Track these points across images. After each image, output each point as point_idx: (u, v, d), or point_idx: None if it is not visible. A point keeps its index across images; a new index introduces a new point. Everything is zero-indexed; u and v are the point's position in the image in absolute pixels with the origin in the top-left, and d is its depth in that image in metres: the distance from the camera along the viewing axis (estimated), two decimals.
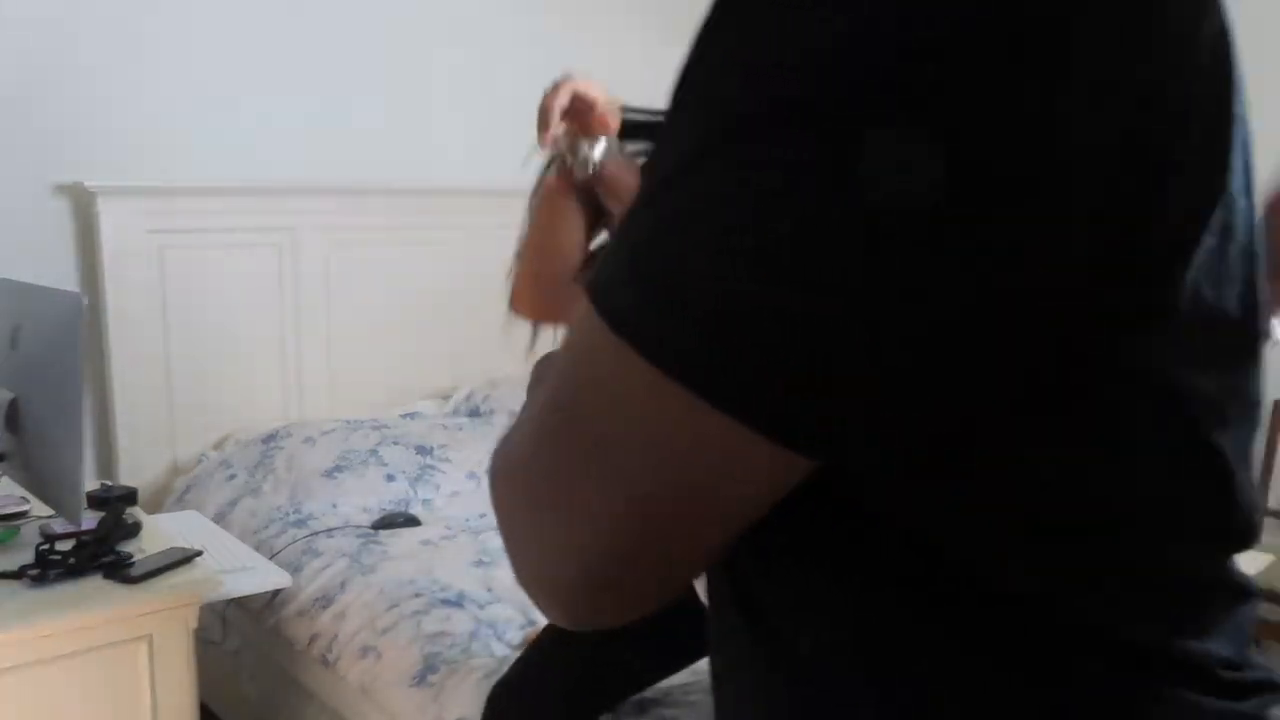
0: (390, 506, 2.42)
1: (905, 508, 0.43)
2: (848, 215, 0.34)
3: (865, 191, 0.34)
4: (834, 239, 0.35)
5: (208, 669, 1.95)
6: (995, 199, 0.35)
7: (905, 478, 0.42)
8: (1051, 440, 0.41)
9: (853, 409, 0.37)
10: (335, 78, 2.92)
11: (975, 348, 0.37)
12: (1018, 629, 0.44)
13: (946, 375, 0.37)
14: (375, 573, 2.02)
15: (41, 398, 1.61)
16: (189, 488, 2.56)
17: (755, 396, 0.36)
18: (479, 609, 1.86)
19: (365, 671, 1.81)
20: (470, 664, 1.68)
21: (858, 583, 0.45)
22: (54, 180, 2.49)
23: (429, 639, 1.77)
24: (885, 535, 0.44)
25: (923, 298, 0.35)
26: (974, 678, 0.45)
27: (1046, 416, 0.41)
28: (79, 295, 1.55)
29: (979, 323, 0.36)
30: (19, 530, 1.68)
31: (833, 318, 0.35)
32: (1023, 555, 0.44)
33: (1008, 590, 0.44)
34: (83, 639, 1.45)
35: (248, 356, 2.79)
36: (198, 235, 2.66)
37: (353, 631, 1.89)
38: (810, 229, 0.35)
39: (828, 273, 0.35)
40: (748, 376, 0.36)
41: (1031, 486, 0.42)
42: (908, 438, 0.40)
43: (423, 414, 2.93)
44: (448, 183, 3.06)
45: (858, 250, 0.35)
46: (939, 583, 0.44)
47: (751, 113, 0.36)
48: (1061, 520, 0.43)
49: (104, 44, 2.54)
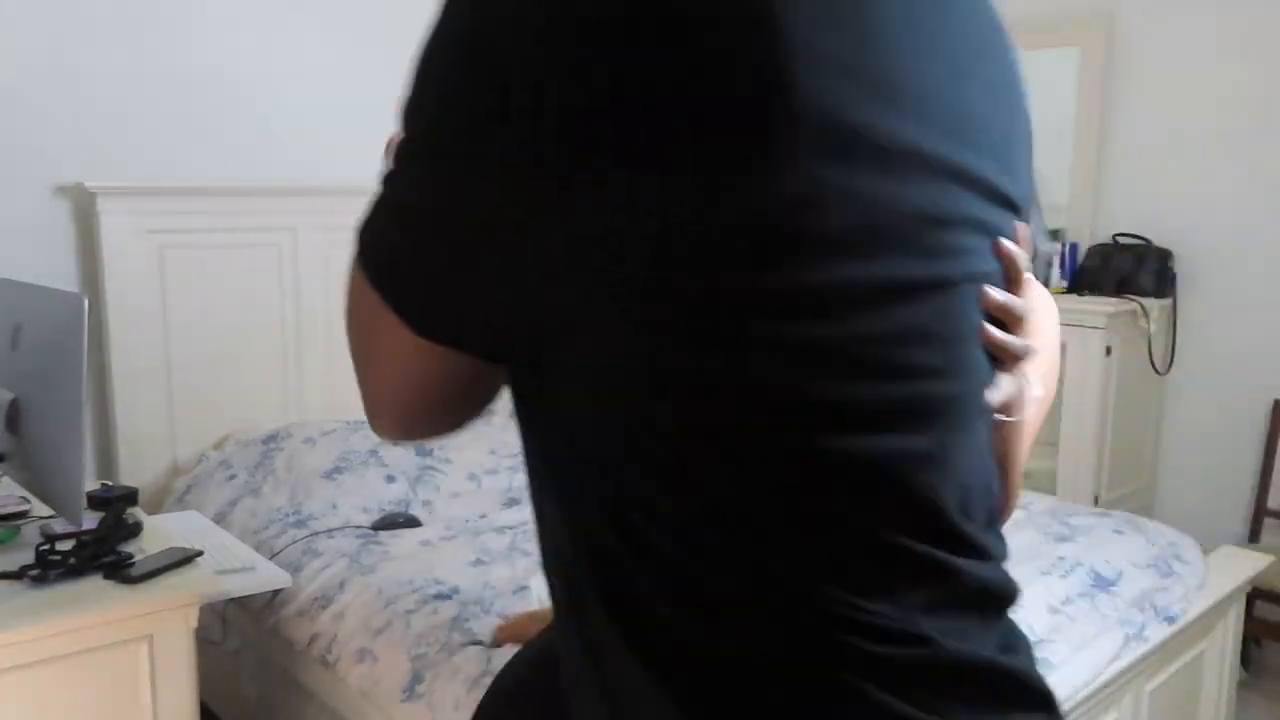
0: (390, 507, 2.42)
1: (585, 437, 0.54)
2: (454, 200, 0.50)
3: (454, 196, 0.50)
4: (443, 212, 0.51)
5: (208, 669, 1.95)
6: (582, 159, 0.46)
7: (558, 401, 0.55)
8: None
9: (465, 316, 0.54)
10: (335, 77, 2.92)
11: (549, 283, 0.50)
12: (692, 572, 0.53)
13: (520, 298, 0.51)
14: (375, 573, 2.02)
15: (42, 398, 1.61)
16: (189, 488, 2.56)
17: (408, 308, 0.55)
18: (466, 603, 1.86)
19: (363, 676, 1.81)
20: (453, 662, 1.68)
21: (571, 504, 0.57)
22: (54, 181, 2.49)
23: (417, 639, 1.77)
24: (583, 461, 0.55)
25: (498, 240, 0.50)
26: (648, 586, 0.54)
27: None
28: (80, 296, 1.55)
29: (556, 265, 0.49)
30: (19, 530, 1.68)
31: (443, 258, 0.52)
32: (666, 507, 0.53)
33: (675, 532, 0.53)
34: (83, 639, 1.45)
35: (248, 356, 2.79)
36: (198, 235, 2.66)
37: (351, 631, 1.89)
38: (433, 204, 0.52)
39: (441, 229, 0.51)
40: (404, 297, 0.55)
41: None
42: (513, 343, 0.55)
43: None
44: None
45: (458, 215, 0.50)
46: (623, 509, 0.53)
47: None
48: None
49: (104, 44, 2.54)
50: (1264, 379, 3.20)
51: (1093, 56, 3.48)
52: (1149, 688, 2.02)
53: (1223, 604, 2.20)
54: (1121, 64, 3.44)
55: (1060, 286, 3.41)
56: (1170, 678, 2.09)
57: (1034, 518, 2.37)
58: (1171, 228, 3.35)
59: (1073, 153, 3.56)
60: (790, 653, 0.52)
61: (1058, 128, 3.59)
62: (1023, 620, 2.00)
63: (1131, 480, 3.36)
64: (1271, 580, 2.66)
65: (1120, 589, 2.01)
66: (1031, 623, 1.82)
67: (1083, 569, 2.03)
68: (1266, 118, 3.16)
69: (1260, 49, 3.15)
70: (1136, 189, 3.44)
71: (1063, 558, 2.07)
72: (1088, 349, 3.13)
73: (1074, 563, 2.04)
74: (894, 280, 0.51)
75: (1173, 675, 2.10)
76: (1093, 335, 3.12)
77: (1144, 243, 3.35)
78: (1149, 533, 2.26)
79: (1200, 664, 2.23)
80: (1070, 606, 1.90)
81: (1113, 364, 3.16)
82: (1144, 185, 3.43)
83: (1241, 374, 3.25)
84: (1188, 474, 3.40)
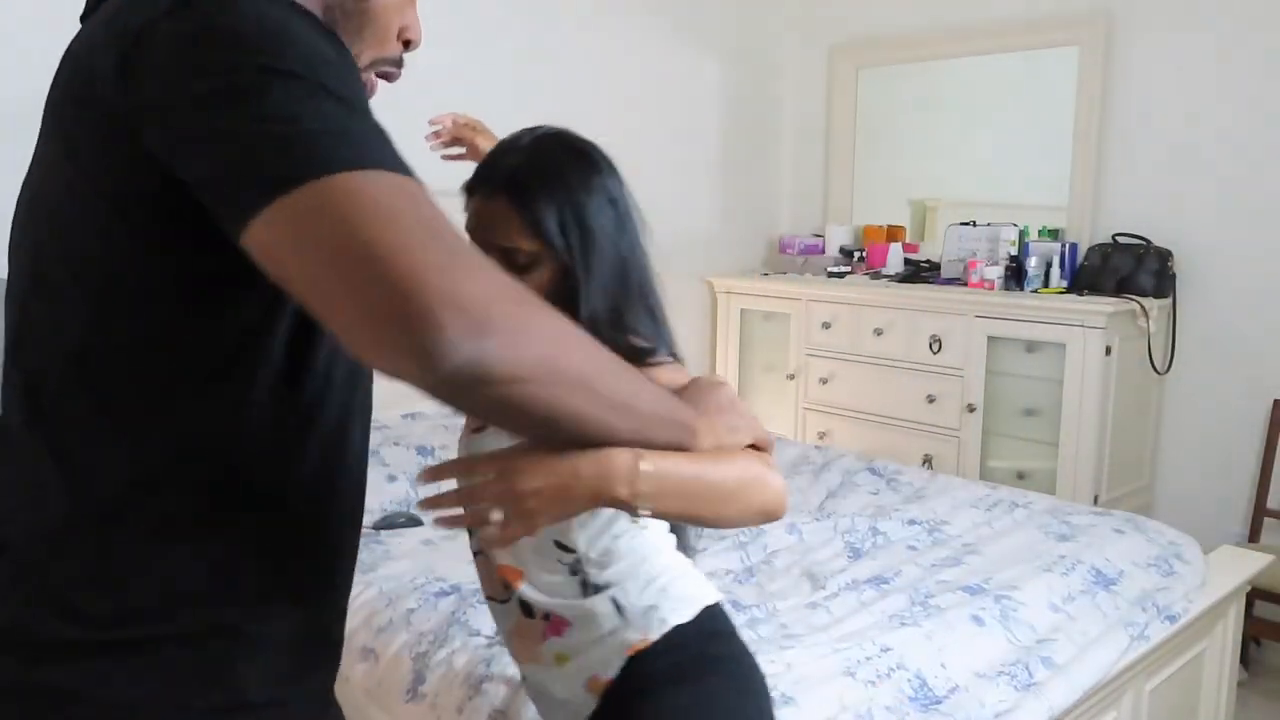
0: (392, 507, 2.43)
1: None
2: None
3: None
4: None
5: None
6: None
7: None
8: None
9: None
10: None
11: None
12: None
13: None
14: (376, 571, 2.02)
15: None
16: None
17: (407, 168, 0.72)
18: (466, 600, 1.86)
19: (366, 675, 1.82)
20: (455, 662, 1.68)
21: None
22: None
23: (418, 637, 1.77)
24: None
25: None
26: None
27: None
28: None
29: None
30: None
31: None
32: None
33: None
34: None
35: None
36: None
37: (352, 631, 1.89)
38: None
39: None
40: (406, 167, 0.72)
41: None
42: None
43: (424, 414, 2.93)
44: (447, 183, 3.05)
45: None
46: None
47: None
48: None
49: None
50: (1264, 379, 3.20)
51: (1092, 56, 3.49)
52: (1149, 687, 2.02)
53: (1223, 604, 2.21)
54: (1121, 64, 3.45)
55: (1060, 286, 3.42)
56: (1170, 677, 2.10)
57: (1034, 516, 2.37)
58: (1171, 228, 3.35)
59: (1073, 153, 3.56)
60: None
61: (1058, 128, 3.59)
62: (1024, 618, 2.01)
63: (1131, 480, 3.36)
64: (1271, 580, 2.66)
65: (1121, 588, 2.01)
66: (1033, 620, 1.83)
67: (1083, 567, 2.03)
68: (1266, 118, 3.16)
69: (1260, 49, 3.16)
70: (1136, 189, 3.45)
71: (1063, 556, 2.07)
72: (1087, 349, 3.14)
73: (1074, 561, 2.05)
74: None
75: (1173, 675, 2.11)
76: (1092, 335, 3.13)
77: (1144, 243, 3.35)
78: (1149, 532, 2.27)
79: (1200, 664, 2.23)
80: (1071, 605, 1.91)
81: (1112, 364, 3.16)
82: (1144, 185, 3.43)
83: (1241, 374, 3.25)
84: (1188, 474, 3.41)
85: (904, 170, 4.19)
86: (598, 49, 3.68)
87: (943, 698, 1.59)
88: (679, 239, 4.08)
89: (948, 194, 4.04)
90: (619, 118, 3.76)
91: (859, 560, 2.12)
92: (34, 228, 0.83)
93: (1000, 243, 3.55)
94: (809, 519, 2.37)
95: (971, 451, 3.43)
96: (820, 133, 4.34)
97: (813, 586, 2.00)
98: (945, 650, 1.68)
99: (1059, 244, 3.48)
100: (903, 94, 4.15)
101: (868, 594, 1.93)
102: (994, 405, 3.40)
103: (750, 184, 4.36)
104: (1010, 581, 1.93)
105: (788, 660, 1.60)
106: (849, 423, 3.77)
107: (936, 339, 3.49)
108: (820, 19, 4.29)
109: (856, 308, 3.72)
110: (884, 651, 1.65)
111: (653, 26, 3.88)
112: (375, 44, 0.92)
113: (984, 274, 3.48)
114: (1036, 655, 1.73)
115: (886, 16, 4.06)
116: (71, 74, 0.80)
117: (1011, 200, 3.75)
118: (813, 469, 2.80)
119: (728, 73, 4.19)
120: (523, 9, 3.40)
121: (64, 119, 0.81)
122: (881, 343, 3.64)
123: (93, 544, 0.78)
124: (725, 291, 4.18)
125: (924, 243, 4.04)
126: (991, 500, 2.50)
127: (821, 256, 4.15)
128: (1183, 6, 3.30)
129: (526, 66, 3.45)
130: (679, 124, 4.01)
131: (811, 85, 4.35)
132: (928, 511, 2.40)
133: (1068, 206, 3.59)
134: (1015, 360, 3.35)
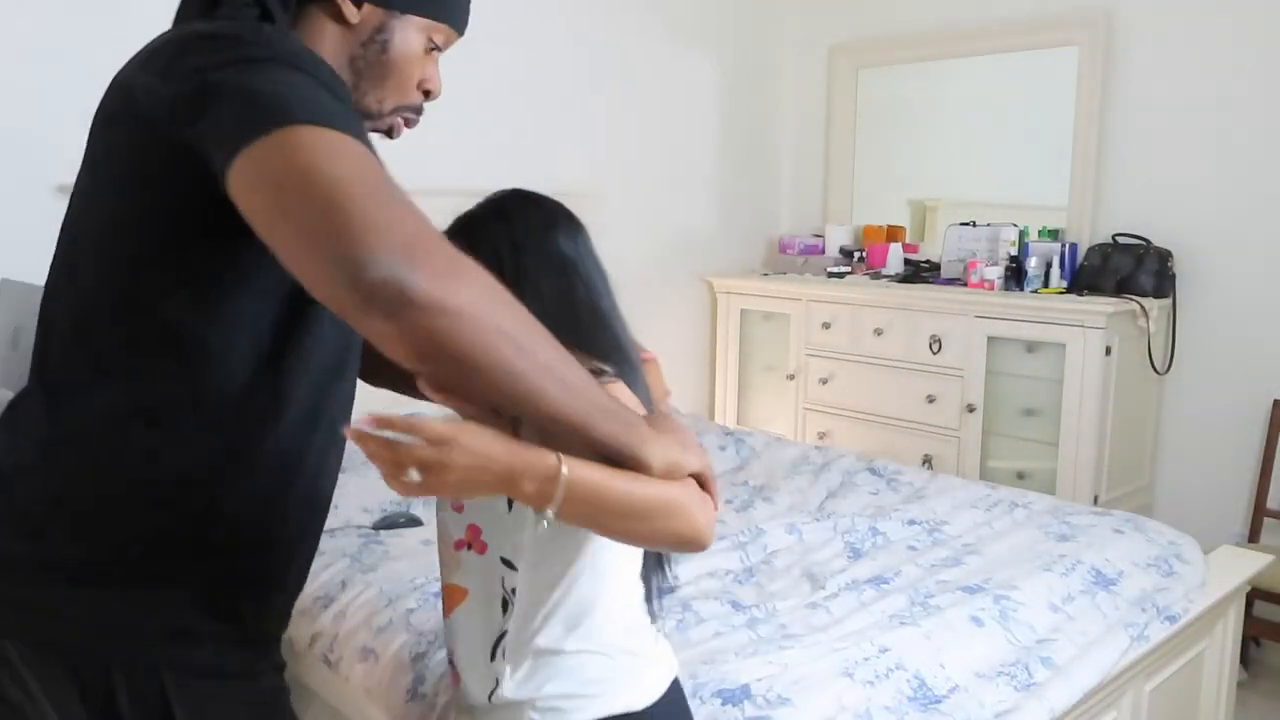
0: (391, 507, 2.42)
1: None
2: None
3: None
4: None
5: None
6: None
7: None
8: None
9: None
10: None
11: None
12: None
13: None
14: (376, 571, 2.02)
15: None
16: None
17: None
18: None
19: (367, 675, 1.82)
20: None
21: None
22: (55, 181, 2.49)
23: (418, 637, 1.77)
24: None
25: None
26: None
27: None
28: None
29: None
30: None
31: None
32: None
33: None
34: None
35: None
36: None
37: (352, 630, 1.89)
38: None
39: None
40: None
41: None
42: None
43: (424, 414, 2.93)
44: (447, 183, 3.06)
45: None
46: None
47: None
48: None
49: (105, 44, 2.54)
50: (1264, 379, 3.20)
51: (1092, 56, 3.49)
52: (1149, 687, 2.02)
53: (1223, 604, 2.21)
54: (1121, 64, 3.45)
55: (1060, 286, 3.42)
56: (1170, 677, 2.10)
57: (1034, 517, 2.37)
58: (1171, 228, 3.35)
59: (1072, 153, 3.56)
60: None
61: (1058, 127, 3.59)
62: (1024, 618, 2.00)
63: (1131, 480, 3.36)
64: (1271, 580, 2.66)
65: (1121, 588, 2.01)
66: (1033, 621, 1.83)
67: (1083, 567, 2.03)
68: (1265, 117, 3.16)
69: (1259, 49, 3.16)
70: (1136, 189, 3.45)
71: (1063, 556, 2.07)
72: (1087, 349, 3.14)
73: (1074, 561, 2.05)
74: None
75: (1173, 675, 2.11)
76: (1092, 335, 3.12)
77: (1143, 243, 3.35)
78: (1149, 532, 2.27)
79: (1200, 664, 2.23)
80: (1071, 605, 1.91)
81: (1112, 364, 3.16)
82: (1143, 185, 3.43)
83: (1241, 374, 3.25)
84: (1187, 474, 3.41)
85: (904, 170, 4.19)
86: (597, 49, 3.68)
87: (942, 698, 1.59)
88: (679, 239, 4.08)
89: (948, 194, 4.04)
90: (619, 118, 3.76)
91: (859, 560, 2.12)
92: (73, 226, 1.02)
93: (1000, 243, 3.55)
94: (809, 519, 2.37)
95: (971, 452, 3.43)
96: (820, 133, 4.34)
97: (812, 586, 2.00)
98: (945, 650, 1.68)
99: (1059, 244, 3.48)
100: (903, 94, 4.15)
101: (867, 594, 1.93)
102: (994, 405, 3.40)
103: (750, 184, 4.36)
104: (1010, 582, 1.93)
105: (786, 660, 1.60)
106: (849, 423, 3.77)
107: (936, 339, 3.49)
108: (820, 19, 4.29)
109: (856, 308, 3.72)
110: (883, 652, 1.65)
111: (652, 27, 3.88)
112: (397, 92, 1.05)
113: (984, 274, 3.48)
114: (1036, 655, 1.72)
115: (886, 16, 4.06)
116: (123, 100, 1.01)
117: (1011, 200, 3.76)
118: (813, 469, 2.80)
119: (728, 73, 4.19)
120: (522, 9, 3.40)
121: (110, 136, 0.98)
122: (881, 343, 3.64)
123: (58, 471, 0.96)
124: (725, 292, 4.18)
125: (924, 243, 4.04)
126: (991, 500, 2.50)
127: (821, 257, 4.15)
128: (1183, 7, 3.30)
129: (526, 67, 3.45)
130: (679, 124, 4.01)
131: (811, 85, 4.35)
132: (927, 512, 2.40)
133: (1068, 206, 3.59)
134: (1015, 360, 3.36)
